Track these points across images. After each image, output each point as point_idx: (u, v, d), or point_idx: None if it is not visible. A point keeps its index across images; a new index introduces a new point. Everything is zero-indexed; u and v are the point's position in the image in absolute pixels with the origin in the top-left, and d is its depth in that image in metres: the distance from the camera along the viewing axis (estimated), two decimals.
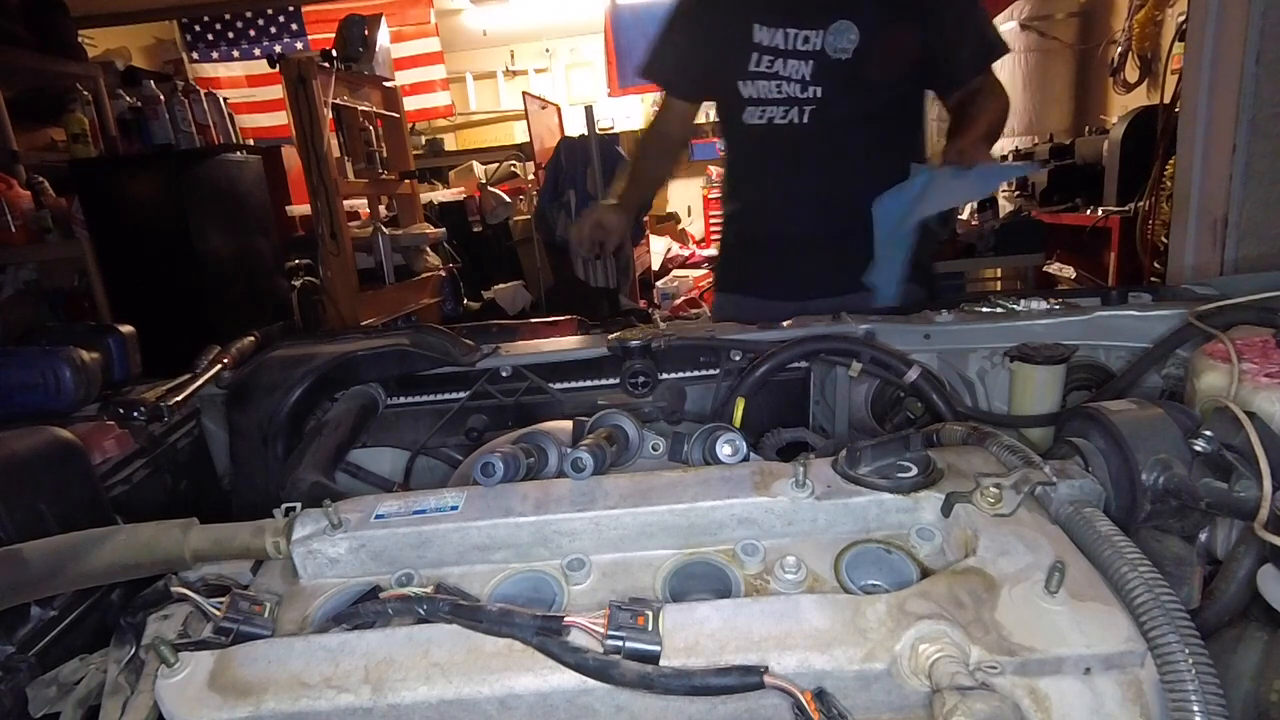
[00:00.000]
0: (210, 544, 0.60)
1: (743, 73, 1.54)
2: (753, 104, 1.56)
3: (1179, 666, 0.41)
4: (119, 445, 0.86)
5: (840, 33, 1.46)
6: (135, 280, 3.08)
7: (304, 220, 3.99)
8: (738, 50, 1.53)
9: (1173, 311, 0.90)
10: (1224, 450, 0.57)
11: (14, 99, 3.48)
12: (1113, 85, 4.17)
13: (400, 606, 0.52)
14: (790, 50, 1.50)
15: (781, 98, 1.53)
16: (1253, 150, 1.95)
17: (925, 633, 0.44)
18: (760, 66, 1.53)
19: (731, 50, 1.54)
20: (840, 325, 1.03)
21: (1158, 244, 2.96)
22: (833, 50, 1.47)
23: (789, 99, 1.53)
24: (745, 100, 1.56)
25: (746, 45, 1.52)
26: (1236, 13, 1.89)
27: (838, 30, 1.46)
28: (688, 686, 0.44)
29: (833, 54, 1.47)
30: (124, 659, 0.57)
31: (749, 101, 1.56)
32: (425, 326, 1.06)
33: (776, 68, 1.52)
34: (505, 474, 0.64)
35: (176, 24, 6.09)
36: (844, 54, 1.47)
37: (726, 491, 0.59)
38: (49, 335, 1.03)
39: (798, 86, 1.51)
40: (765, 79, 1.53)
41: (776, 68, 1.52)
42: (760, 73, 1.53)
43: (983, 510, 0.55)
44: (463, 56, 7.60)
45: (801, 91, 1.51)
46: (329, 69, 3.15)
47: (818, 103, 1.51)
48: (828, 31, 1.46)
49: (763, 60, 1.53)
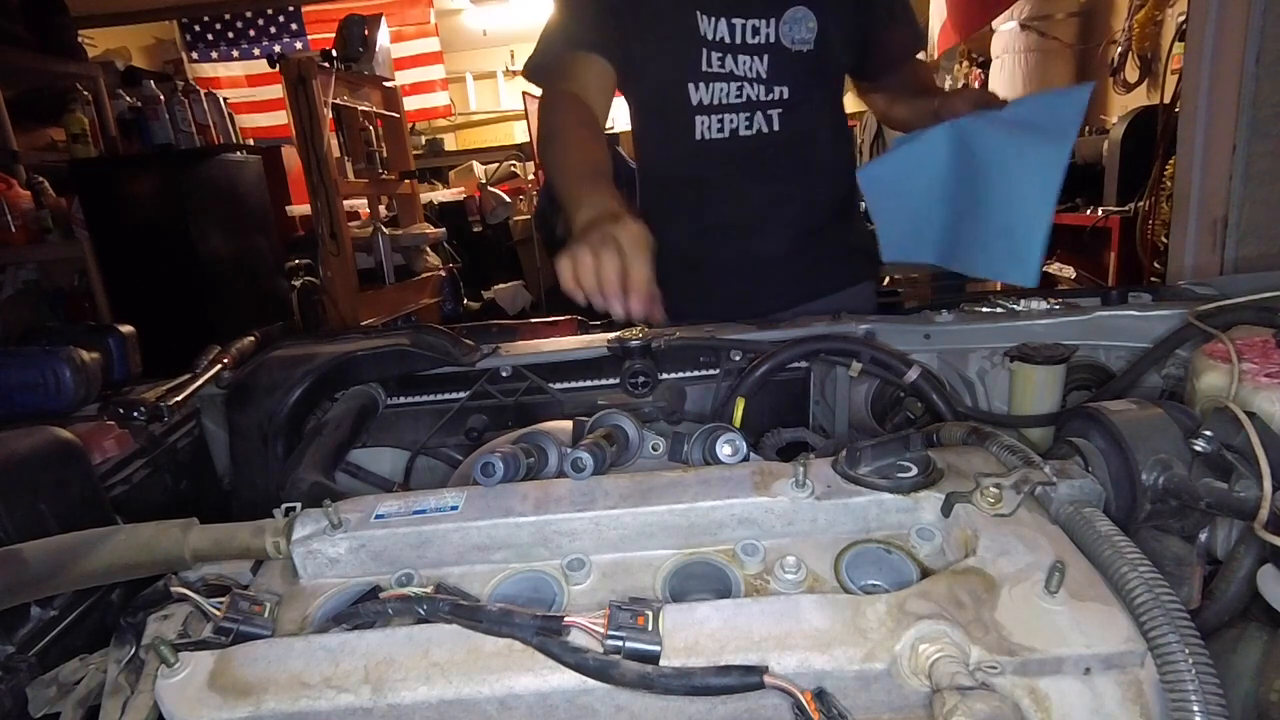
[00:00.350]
0: (210, 544, 0.60)
1: (693, 72, 1.29)
2: (706, 112, 1.31)
3: (1179, 666, 0.41)
4: (119, 445, 0.86)
5: (797, 21, 1.28)
6: (135, 280, 3.08)
7: (304, 220, 3.99)
8: (681, 44, 1.28)
9: (1173, 311, 0.90)
10: (1224, 450, 0.57)
11: (14, 99, 3.48)
12: (1113, 85, 4.17)
13: (400, 606, 0.52)
14: (740, 44, 1.28)
15: (742, 102, 1.30)
16: (1253, 150, 1.95)
17: (925, 633, 0.44)
18: (712, 66, 1.28)
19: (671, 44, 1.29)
20: (840, 325, 1.03)
21: (1158, 244, 2.96)
22: (791, 42, 1.29)
23: (751, 103, 1.30)
24: (695, 108, 1.30)
25: (693, 39, 1.27)
26: (1236, 13, 1.89)
27: (794, 19, 1.28)
28: (688, 686, 0.44)
29: (791, 46, 1.29)
30: (124, 659, 0.57)
31: (701, 109, 1.30)
32: (425, 326, 1.06)
33: (730, 66, 1.28)
34: (505, 474, 0.64)
35: (176, 24, 6.08)
36: (805, 45, 1.29)
37: (726, 491, 0.59)
38: (49, 335, 1.03)
39: (760, 87, 1.30)
40: (721, 80, 1.29)
41: (730, 66, 1.28)
42: (714, 73, 1.29)
43: (983, 510, 0.55)
44: (463, 56, 7.60)
45: (765, 93, 1.30)
46: (329, 69, 3.15)
47: (784, 105, 1.31)
48: (781, 20, 1.28)
49: (713, 58, 1.28)
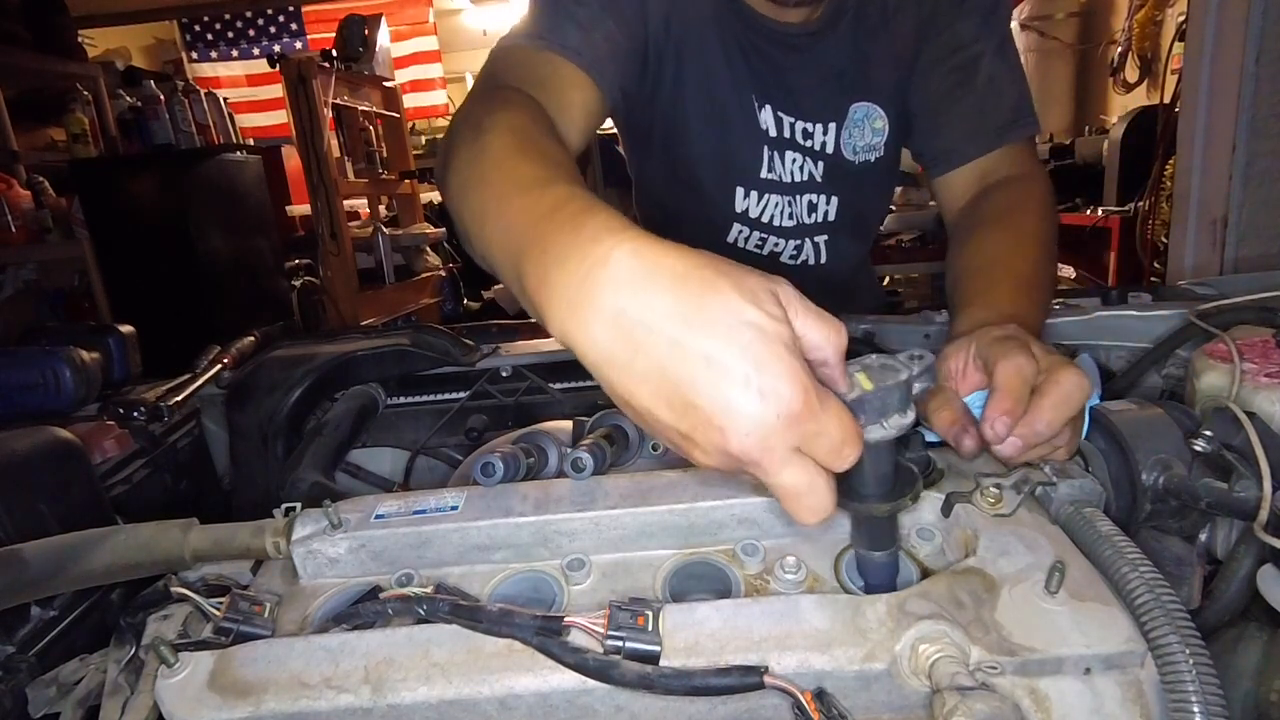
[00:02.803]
0: (210, 544, 0.60)
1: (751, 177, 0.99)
2: (748, 224, 1.03)
3: (1179, 666, 0.41)
4: (119, 445, 0.86)
5: (861, 124, 0.95)
6: (135, 280, 3.08)
7: (304, 220, 3.98)
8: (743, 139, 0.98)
9: (1173, 311, 0.90)
10: (1224, 450, 0.57)
11: (14, 99, 3.48)
12: (1113, 85, 4.17)
13: (400, 606, 0.52)
14: (791, 141, 0.98)
15: (793, 226, 1.02)
16: (1253, 150, 1.95)
17: (925, 633, 0.44)
18: (773, 171, 0.99)
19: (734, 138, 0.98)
20: None
21: (1158, 244, 2.96)
22: (853, 151, 0.97)
23: (802, 227, 1.02)
24: (737, 215, 1.02)
25: (754, 133, 0.97)
26: (1236, 13, 1.89)
27: (858, 121, 0.95)
28: (688, 687, 0.44)
29: (853, 157, 0.97)
30: (124, 659, 0.57)
31: (742, 219, 1.02)
32: (425, 326, 1.06)
33: (779, 170, 0.99)
34: (505, 474, 0.64)
35: (176, 24, 6.08)
36: (871, 154, 0.97)
37: (726, 491, 0.59)
38: (49, 335, 1.03)
39: (806, 209, 1.00)
40: (775, 190, 1.00)
41: (779, 170, 0.99)
42: (770, 181, 0.99)
43: (983, 510, 0.55)
44: (462, 56, 7.60)
45: (810, 214, 1.00)
46: (329, 69, 3.15)
47: (830, 230, 1.03)
48: (843, 125, 0.96)
49: (774, 159, 0.99)
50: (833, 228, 1.03)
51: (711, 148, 0.99)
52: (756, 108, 0.95)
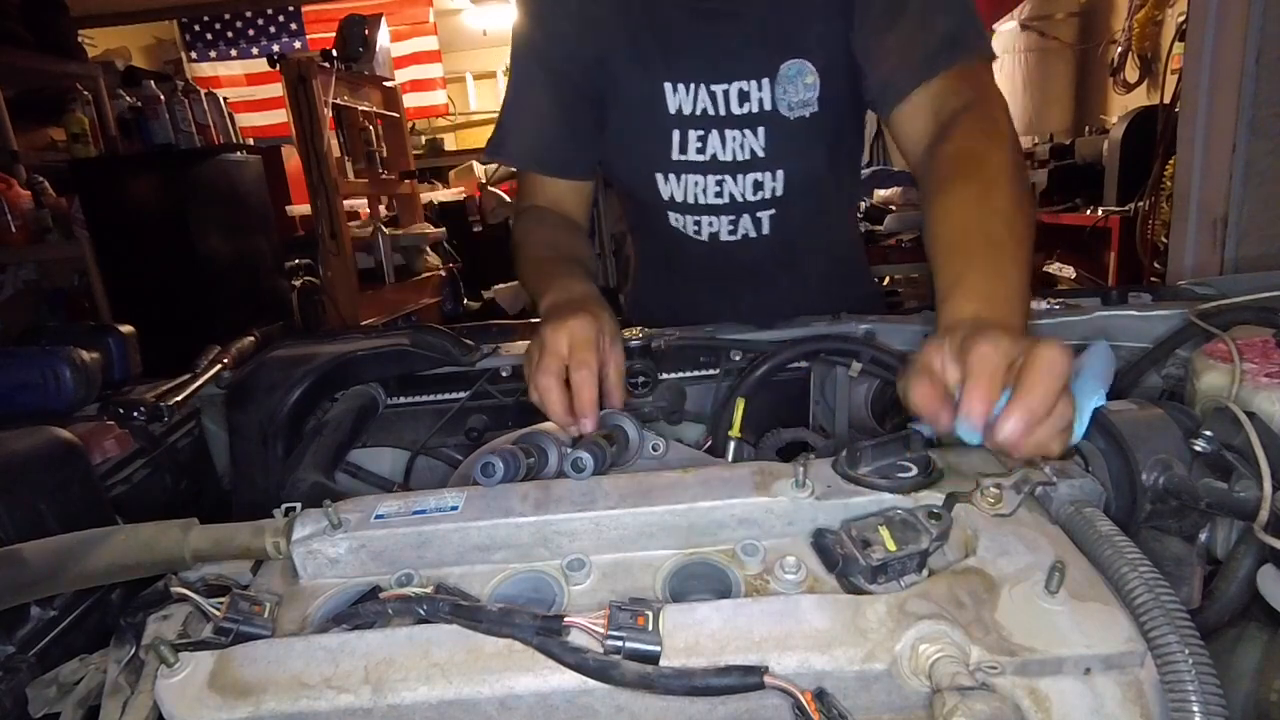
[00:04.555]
0: (210, 544, 0.60)
1: (662, 161, 1.01)
2: (680, 210, 1.05)
3: (1179, 666, 0.41)
4: (119, 445, 0.86)
5: (795, 80, 0.95)
6: (135, 280, 3.08)
7: (304, 220, 3.98)
8: (647, 125, 1.01)
9: (1173, 311, 0.90)
10: (1224, 450, 0.57)
11: (14, 99, 3.48)
12: (1113, 85, 4.17)
13: (400, 607, 0.52)
14: (726, 116, 0.97)
15: (725, 203, 1.02)
16: (1253, 150, 1.95)
17: (925, 633, 0.44)
18: (689, 152, 1.00)
19: (637, 124, 1.01)
20: (840, 325, 1.03)
21: (1158, 244, 2.97)
22: (788, 107, 0.96)
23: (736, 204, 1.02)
24: (668, 203, 1.05)
25: (660, 117, 0.99)
26: (1236, 13, 1.89)
27: (789, 75, 0.95)
28: (688, 687, 0.44)
29: (789, 113, 0.97)
30: (124, 659, 0.57)
31: (674, 205, 1.05)
32: (425, 326, 1.06)
33: (712, 147, 0.99)
34: (505, 474, 0.64)
35: (176, 24, 6.08)
36: (806, 109, 0.97)
37: (726, 492, 0.59)
38: (49, 335, 1.03)
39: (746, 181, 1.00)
40: (695, 171, 1.01)
41: (712, 147, 0.99)
42: (690, 162, 1.00)
43: (983, 510, 0.55)
44: (462, 56, 7.60)
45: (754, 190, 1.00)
46: (329, 69, 3.15)
47: (778, 203, 1.02)
48: (776, 80, 0.95)
49: (690, 139, 0.99)
50: (782, 202, 1.03)
51: (625, 141, 1.05)
52: (668, 90, 0.98)
